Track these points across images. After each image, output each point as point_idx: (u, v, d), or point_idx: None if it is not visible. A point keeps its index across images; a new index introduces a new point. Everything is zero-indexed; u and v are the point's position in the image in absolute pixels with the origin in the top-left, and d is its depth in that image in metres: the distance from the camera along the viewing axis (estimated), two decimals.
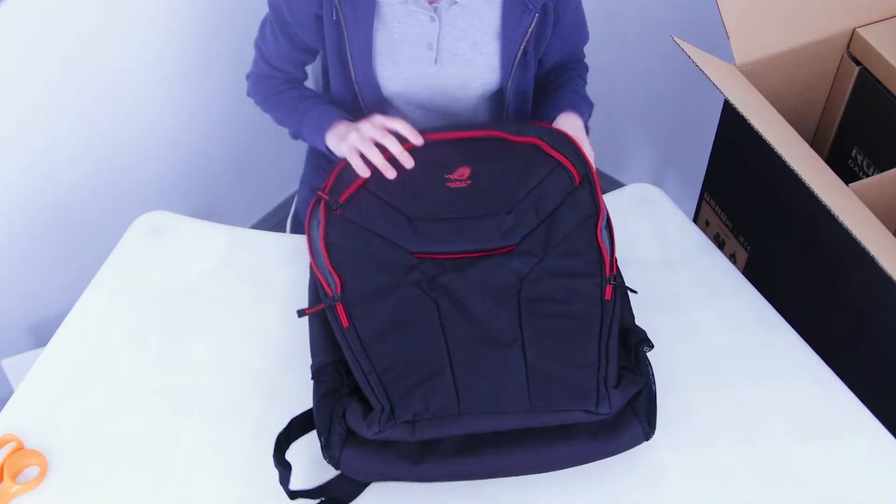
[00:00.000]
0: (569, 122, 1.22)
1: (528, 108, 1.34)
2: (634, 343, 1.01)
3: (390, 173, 1.14)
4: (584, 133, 1.22)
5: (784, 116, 1.21)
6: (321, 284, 1.06)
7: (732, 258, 1.48)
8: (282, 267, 1.22)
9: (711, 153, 1.47)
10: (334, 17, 1.21)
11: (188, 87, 1.79)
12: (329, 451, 0.94)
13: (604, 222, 1.10)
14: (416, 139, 1.16)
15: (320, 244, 1.09)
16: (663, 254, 1.22)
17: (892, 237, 1.07)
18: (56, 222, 1.66)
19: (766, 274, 1.37)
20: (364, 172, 1.15)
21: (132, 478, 1.02)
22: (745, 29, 1.28)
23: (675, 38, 1.24)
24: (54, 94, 1.54)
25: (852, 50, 1.37)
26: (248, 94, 1.39)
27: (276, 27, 1.28)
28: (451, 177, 1.14)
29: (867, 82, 1.35)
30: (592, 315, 1.01)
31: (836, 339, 1.22)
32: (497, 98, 1.30)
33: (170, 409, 1.08)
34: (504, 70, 1.25)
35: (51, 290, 1.72)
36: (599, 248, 1.06)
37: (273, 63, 1.33)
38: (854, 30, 1.35)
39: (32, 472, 1.03)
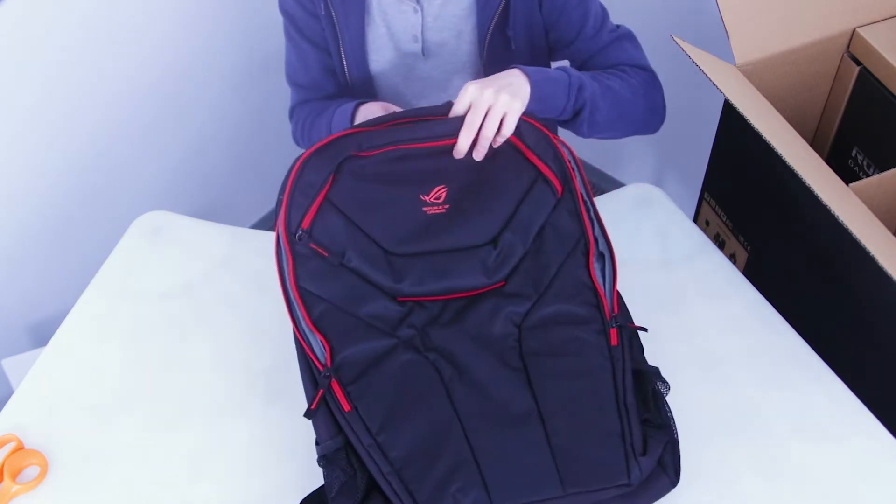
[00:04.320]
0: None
1: None
2: (650, 389, 0.98)
3: None
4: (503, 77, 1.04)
5: (784, 116, 1.21)
6: (307, 351, 0.99)
7: (732, 258, 1.48)
8: None
9: (711, 153, 1.47)
10: (322, 12, 1.20)
11: (188, 87, 1.79)
12: None
13: (595, 252, 1.02)
14: None
15: (293, 293, 0.99)
16: (663, 254, 1.22)
17: (892, 237, 1.07)
18: (56, 222, 1.66)
19: (766, 274, 1.36)
20: None
21: (132, 478, 1.02)
22: (745, 29, 1.28)
23: (675, 38, 1.24)
24: (54, 93, 1.54)
25: (852, 50, 1.36)
26: (295, 141, 1.34)
27: (294, 35, 1.27)
28: (426, 199, 1.03)
29: (867, 82, 1.35)
30: (602, 368, 0.97)
31: (836, 338, 1.22)
32: None
33: (169, 409, 1.08)
34: (480, 54, 1.24)
35: (51, 290, 1.72)
36: (594, 286, 1.01)
37: (305, 83, 1.30)
38: (854, 30, 1.35)
39: (32, 471, 1.03)
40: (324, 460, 0.94)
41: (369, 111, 1.17)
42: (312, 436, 1.00)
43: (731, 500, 0.98)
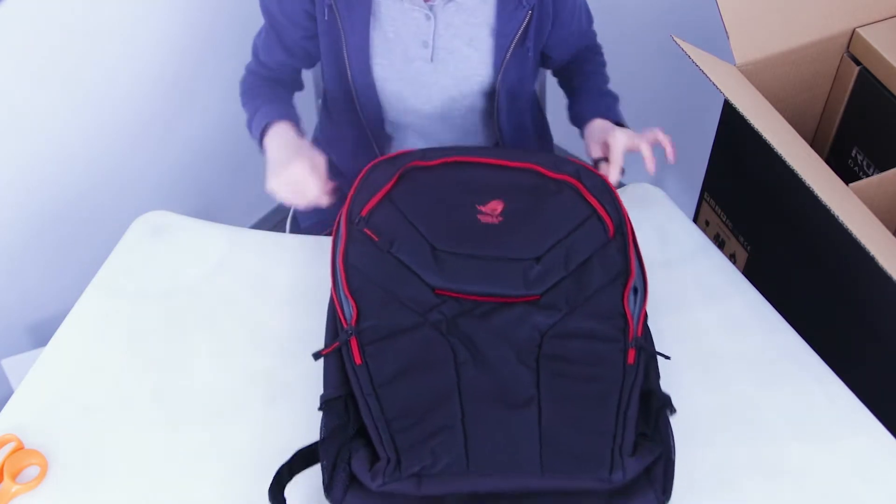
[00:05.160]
0: (596, 128, 1.24)
1: (523, 106, 1.33)
2: (656, 408, 0.98)
3: (324, 202, 1.14)
4: (613, 129, 1.21)
5: (784, 116, 1.21)
6: (337, 311, 1.03)
7: (732, 258, 1.48)
8: (282, 267, 1.22)
9: (711, 153, 1.47)
10: (326, 17, 1.21)
11: (188, 86, 1.79)
12: (331, 494, 0.91)
13: (633, 285, 1.05)
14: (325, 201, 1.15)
15: (339, 263, 1.05)
16: (663, 254, 1.22)
17: (892, 237, 1.07)
18: (56, 222, 1.66)
19: (766, 274, 1.37)
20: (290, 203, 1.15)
21: (132, 477, 1.02)
22: (745, 29, 1.28)
23: (675, 38, 1.24)
24: (54, 93, 1.54)
25: (852, 50, 1.37)
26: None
27: (271, 34, 1.28)
28: (482, 209, 1.09)
29: (867, 82, 1.35)
30: (613, 380, 0.98)
31: (835, 338, 1.22)
32: (492, 96, 1.30)
33: (169, 409, 1.08)
34: (496, 65, 1.25)
35: (51, 290, 1.72)
36: (625, 313, 1.03)
37: (263, 59, 1.33)
38: (854, 30, 1.35)
39: (32, 471, 1.03)
40: (325, 406, 0.97)
41: (276, 134, 1.21)
42: (312, 435, 1.00)
43: (731, 500, 0.98)
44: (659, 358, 1.06)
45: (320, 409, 0.97)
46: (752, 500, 0.98)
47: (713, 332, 1.14)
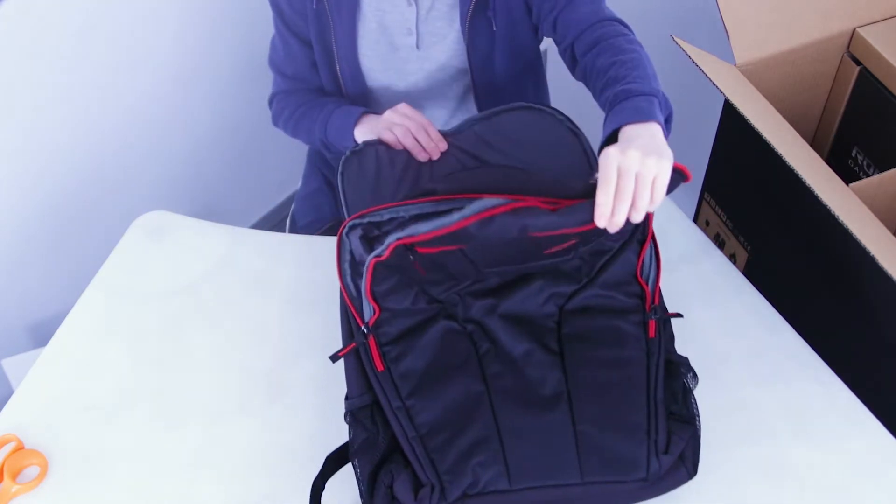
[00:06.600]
0: (635, 134, 0.92)
1: (505, 92, 1.29)
2: (680, 382, 0.99)
3: (423, 156, 1.12)
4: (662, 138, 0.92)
5: (784, 116, 1.21)
6: (350, 309, 0.98)
7: (732, 258, 1.48)
8: (282, 267, 1.22)
9: (711, 153, 1.47)
10: (315, 6, 1.21)
11: (188, 86, 1.79)
12: None
13: (649, 248, 1.01)
14: (440, 143, 1.13)
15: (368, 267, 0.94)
16: (663, 254, 1.22)
17: (892, 237, 1.07)
18: (56, 222, 1.66)
19: (766, 274, 1.36)
20: (397, 145, 1.13)
21: (132, 478, 1.02)
22: (745, 29, 1.28)
23: (675, 38, 1.24)
24: (55, 94, 1.54)
25: (852, 50, 1.37)
26: (274, 122, 1.35)
27: (282, 28, 1.28)
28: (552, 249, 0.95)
29: (867, 82, 1.35)
30: (638, 361, 0.98)
31: (836, 338, 1.22)
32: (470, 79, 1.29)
33: (170, 409, 1.08)
34: (463, 38, 1.23)
35: (51, 290, 1.72)
36: (640, 281, 1.01)
37: (290, 73, 1.31)
38: (854, 30, 1.35)
39: (32, 471, 1.03)
40: (350, 416, 0.95)
41: (373, 120, 1.19)
42: (313, 436, 1.00)
43: (731, 500, 0.98)
44: None
45: (346, 417, 0.95)
46: (752, 500, 0.98)
47: (713, 332, 1.13)
